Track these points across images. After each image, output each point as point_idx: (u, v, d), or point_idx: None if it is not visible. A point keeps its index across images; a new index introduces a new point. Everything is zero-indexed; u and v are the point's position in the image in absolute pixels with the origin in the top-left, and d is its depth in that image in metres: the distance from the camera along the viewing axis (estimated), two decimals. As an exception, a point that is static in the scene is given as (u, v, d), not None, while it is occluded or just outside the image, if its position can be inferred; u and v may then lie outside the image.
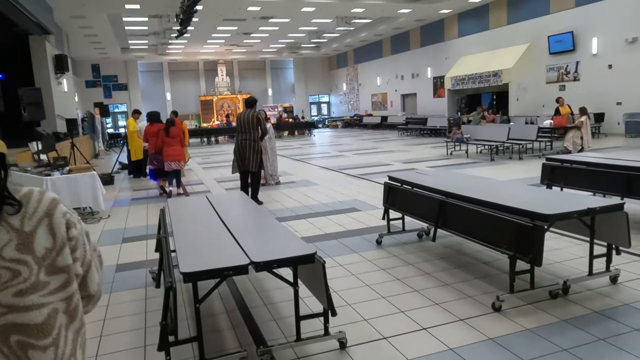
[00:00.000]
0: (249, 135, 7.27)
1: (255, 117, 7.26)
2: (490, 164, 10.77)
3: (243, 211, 4.10)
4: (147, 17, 20.70)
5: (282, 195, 8.33)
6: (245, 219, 3.82)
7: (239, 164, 7.39)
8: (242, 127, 7.31)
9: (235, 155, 7.44)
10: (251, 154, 7.28)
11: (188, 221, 3.70)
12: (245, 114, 7.35)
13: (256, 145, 7.28)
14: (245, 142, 7.27)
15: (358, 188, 8.55)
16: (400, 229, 5.21)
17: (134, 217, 7.21)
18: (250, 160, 7.28)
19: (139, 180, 11.34)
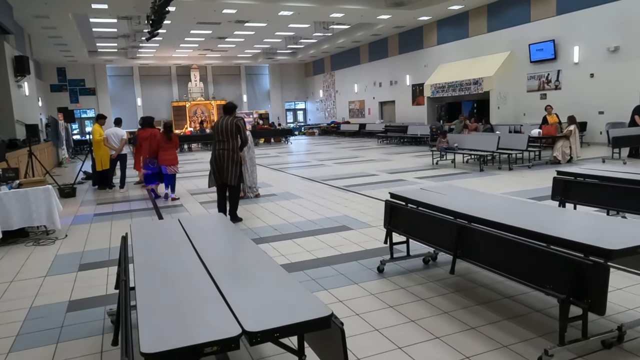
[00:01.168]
0: (227, 145, 6.57)
1: (235, 124, 6.55)
2: (480, 175, 10.28)
3: (226, 243, 3.36)
4: (116, 19, 19.69)
5: (263, 210, 7.59)
6: (229, 255, 3.09)
7: (216, 176, 6.66)
8: (220, 135, 6.59)
9: (212, 167, 6.71)
10: (230, 166, 6.56)
11: (155, 257, 2.95)
12: (224, 121, 6.62)
13: (235, 155, 6.59)
14: (224, 152, 6.55)
15: (345, 202, 7.88)
16: (404, 253, 4.55)
17: (96, 237, 6.35)
18: (229, 173, 6.57)
19: (104, 192, 10.40)
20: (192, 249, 3.04)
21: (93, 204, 9.01)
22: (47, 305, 3.99)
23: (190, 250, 3.02)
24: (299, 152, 19.26)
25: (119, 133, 10.25)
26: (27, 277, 4.78)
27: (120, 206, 8.61)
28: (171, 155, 8.80)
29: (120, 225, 6.99)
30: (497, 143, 10.64)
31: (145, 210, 8.07)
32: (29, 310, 3.90)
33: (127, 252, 3.26)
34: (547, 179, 9.25)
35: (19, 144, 12.71)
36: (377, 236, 5.62)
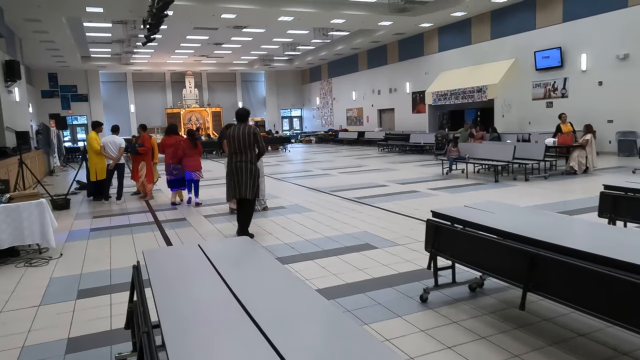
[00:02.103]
0: (245, 156, 6.10)
1: (253, 134, 6.11)
2: (497, 186, 9.83)
3: (261, 275, 2.81)
4: (111, 23, 19.16)
5: (274, 225, 7.06)
6: (269, 290, 2.55)
7: (235, 190, 6.14)
8: (237, 146, 6.10)
9: (230, 180, 6.21)
10: (248, 179, 6.10)
11: (181, 298, 2.41)
12: (240, 130, 6.12)
13: (253, 167, 6.14)
14: (242, 165, 6.08)
15: (361, 216, 7.37)
16: (448, 279, 4.04)
17: (94, 256, 5.78)
18: (247, 186, 6.09)
19: (99, 203, 9.80)
20: (224, 285, 2.50)
21: (89, 217, 8.42)
22: (42, 345, 3.42)
23: (222, 287, 2.48)
24: (299, 160, 18.75)
25: (116, 141, 9.68)
26: (19, 306, 4.21)
27: (118, 220, 8.03)
28: (196, 161, 9.08)
29: (121, 241, 6.42)
30: (513, 153, 10.20)
31: (146, 225, 7.50)
32: (21, 351, 3.34)
33: (140, 284, 2.71)
34: (569, 191, 8.83)
35: (8, 152, 12.10)
36: (407, 256, 5.11)
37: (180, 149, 9.00)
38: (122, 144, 9.73)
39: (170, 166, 9.08)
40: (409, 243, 5.63)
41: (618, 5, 14.50)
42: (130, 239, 6.53)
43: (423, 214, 7.27)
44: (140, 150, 10.07)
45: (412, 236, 5.95)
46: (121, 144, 9.71)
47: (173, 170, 9.06)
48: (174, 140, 9.29)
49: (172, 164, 9.04)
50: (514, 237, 3.22)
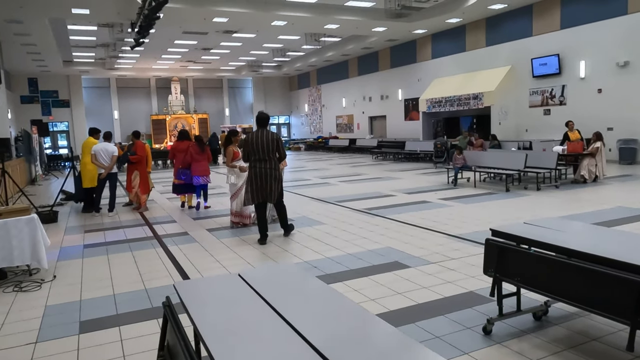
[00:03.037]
0: (268, 163, 6.20)
1: (276, 139, 6.25)
2: (509, 196, 9.45)
3: (328, 310, 2.29)
4: (96, 26, 18.42)
5: (288, 240, 6.52)
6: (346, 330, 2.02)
7: (258, 195, 6.26)
8: (260, 152, 6.16)
9: (253, 185, 6.27)
10: (273, 184, 6.24)
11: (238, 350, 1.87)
12: (262, 135, 6.17)
13: (277, 173, 6.29)
14: (265, 170, 6.19)
15: (378, 229, 6.89)
16: (511, 307, 3.56)
17: (92, 277, 5.16)
18: (273, 191, 6.25)
19: (90, 216, 9.12)
20: (288, 327, 1.98)
21: (80, 231, 7.75)
22: (45, 397, 2.83)
23: (287, 330, 1.95)
24: (294, 168, 18.21)
25: (109, 149, 9.00)
26: (11, 344, 3.59)
27: (113, 234, 7.39)
28: (204, 166, 9.22)
29: (120, 260, 5.80)
30: (525, 161, 9.86)
31: (145, 240, 6.88)
32: (19, 406, 2.74)
33: (182, 333, 2.16)
34: (590, 201, 8.48)
35: (-12, 161, 11.29)
36: (446, 276, 4.63)
37: (188, 154, 9.12)
38: (114, 152, 9.06)
39: (180, 171, 9.22)
40: (443, 261, 5.16)
41: (618, 12, 14.41)
42: (130, 257, 5.93)
43: (443, 226, 6.83)
44: (133, 159, 9.45)
45: (443, 253, 5.48)
46: (114, 152, 9.05)
47: (182, 175, 9.20)
48: (185, 146, 9.31)
49: (182, 168, 9.18)
50: (607, 262, 2.76)
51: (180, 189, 9.41)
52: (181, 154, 9.25)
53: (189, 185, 9.27)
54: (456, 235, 6.32)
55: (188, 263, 5.52)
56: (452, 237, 6.24)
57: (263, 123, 6.25)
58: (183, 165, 9.18)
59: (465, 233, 6.41)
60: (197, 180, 9.13)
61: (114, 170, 9.18)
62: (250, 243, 6.40)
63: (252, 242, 6.43)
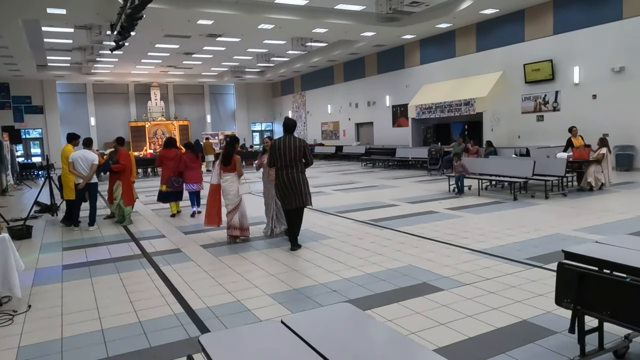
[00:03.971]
0: (297, 169, 6.17)
1: (304, 146, 6.21)
2: (518, 205, 8.98)
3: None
4: (73, 28, 17.49)
5: (295, 258, 5.87)
6: None
7: (293, 200, 6.16)
8: (287, 158, 6.10)
9: (283, 192, 6.18)
10: (304, 188, 6.20)
11: None
12: (289, 142, 6.12)
13: (305, 177, 6.31)
14: (294, 176, 6.15)
15: (392, 244, 6.29)
16: (590, 343, 2.99)
17: (75, 307, 4.41)
18: (306, 195, 6.23)
19: (69, 230, 8.29)
20: None
21: (57, 248, 6.95)
22: None
23: None
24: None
25: (88, 157, 8.18)
26: (-25, 401, 2.86)
27: (96, 252, 6.61)
28: (198, 173, 9.37)
29: (106, 284, 5.06)
30: (533, 169, 9.42)
31: (132, 259, 6.14)
32: None
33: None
34: (604, 211, 8.05)
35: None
36: (489, 302, 4.06)
37: (182, 161, 9.09)
38: (94, 160, 8.25)
39: (172, 179, 9.05)
40: (477, 282, 4.58)
41: (613, 17, 14.25)
42: (117, 280, 5.19)
43: (462, 240, 6.27)
44: (116, 168, 8.67)
45: (473, 272, 4.91)
46: (94, 160, 8.23)
47: (175, 183, 9.07)
48: (174, 154, 9.23)
49: (174, 176, 9.06)
50: None
51: (167, 196, 9.23)
52: (170, 162, 9.12)
53: (177, 193, 9.22)
54: (480, 250, 5.77)
55: (186, 287, 4.82)
56: (476, 252, 5.68)
57: (291, 129, 6.22)
58: (174, 173, 9.07)
59: (488, 248, 5.86)
60: (191, 187, 9.22)
61: (94, 180, 8.34)
62: (253, 261, 5.73)
63: (254, 260, 5.76)
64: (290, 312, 4.01)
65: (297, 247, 6.23)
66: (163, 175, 9.27)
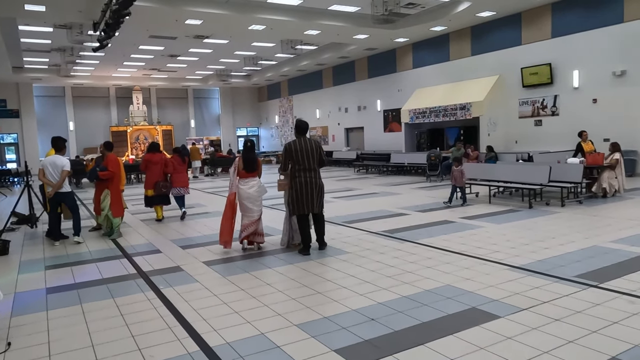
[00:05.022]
0: (314, 172, 6.03)
1: (319, 147, 6.11)
2: (536, 213, 8.49)
3: None
4: (52, 27, 16.56)
5: (314, 277, 5.21)
6: None
7: (307, 205, 6.00)
8: (305, 161, 5.95)
9: (298, 196, 5.99)
10: (321, 193, 6.11)
11: None
12: (304, 144, 5.98)
13: (321, 181, 6.17)
14: (312, 180, 6.00)
15: (419, 259, 5.69)
16: None
17: (65, 345, 3.67)
18: (320, 201, 6.10)
19: (49, 245, 7.46)
20: None
21: (39, 267, 6.15)
22: None
23: None
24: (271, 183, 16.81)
25: (57, 162, 7.26)
26: None
27: (84, 271, 5.84)
28: (185, 177, 9.54)
29: (100, 313, 4.32)
30: (549, 175, 8.95)
31: (127, 279, 5.39)
32: None
33: None
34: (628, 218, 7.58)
35: None
36: (560, 332, 3.48)
37: (169, 165, 9.15)
38: (65, 165, 7.33)
39: (159, 183, 8.99)
40: (535, 306, 4.00)
41: (613, 21, 14.01)
42: (112, 307, 4.46)
43: (494, 254, 5.72)
44: (103, 175, 7.90)
45: (524, 293, 4.33)
46: (64, 165, 7.32)
47: (162, 188, 9.01)
48: (159, 158, 9.19)
49: (162, 181, 9.03)
50: None
51: (154, 201, 9.19)
52: (155, 166, 9.10)
53: (163, 197, 9.20)
54: (520, 266, 5.21)
55: (196, 316, 4.12)
56: (516, 269, 5.12)
57: (304, 131, 6.11)
58: (161, 178, 9.07)
59: (527, 264, 5.31)
60: (178, 191, 9.30)
61: (66, 189, 7.40)
62: (268, 281, 5.05)
63: (268, 280, 5.09)
64: (329, 349, 3.36)
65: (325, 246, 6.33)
66: (148, 180, 9.18)
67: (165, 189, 9.06)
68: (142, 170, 9.77)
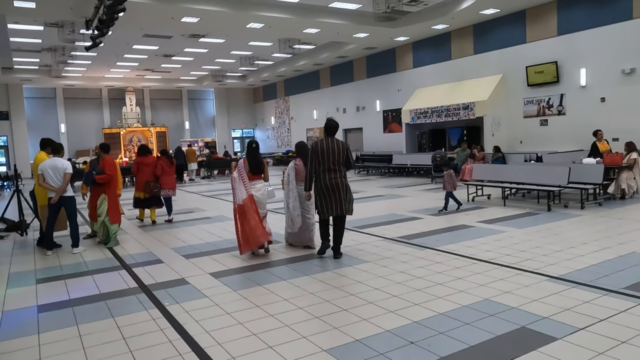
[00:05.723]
0: (341, 173, 5.81)
1: (347, 148, 5.91)
2: (556, 217, 8.07)
3: None
4: (43, 25, 15.97)
5: (335, 290, 4.73)
6: None
7: (334, 207, 5.78)
8: (330, 162, 5.74)
9: (323, 199, 5.81)
10: (347, 194, 5.85)
11: None
12: (332, 144, 5.79)
13: (348, 183, 5.94)
14: (338, 181, 5.79)
15: (446, 269, 5.23)
16: None
17: (60, 376, 3.18)
18: (348, 203, 5.87)
19: (41, 255, 6.93)
20: None
21: (30, 280, 5.62)
22: None
23: None
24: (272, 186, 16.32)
25: (58, 165, 6.79)
26: None
27: (79, 285, 5.32)
28: (172, 179, 9.50)
29: (99, 335, 3.81)
30: (568, 176, 8.55)
31: (128, 294, 4.89)
32: None
33: None
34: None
35: None
36: (627, 356, 3.03)
37: (159, 167, 9.16)
38: (67, 168, 6.86)
39: (150, 184, 9.00)
40: (591, 325, 3.56)
41: (622, 18, 13.66)
42: (113, 328, 3.96)
43: (526, 262, 5.28)
44: (101, 180, 7.38)
45: (574, 309, 3.89)
46: (66, 169, 6.85)
47: (153, 189, 9.02)
48: (150, 160, 9.27)
49: (152, 182, 9.04)
50: None
51: (144, 203, 9.20)
52: (147, 168, 9.14)
53: (154, 199, 9.20)
54: (560, 277, 4.77)
55: (209, 340, 3.63)
56: (558, 280, 4.67)
57: (333, 131, 5.87)
58: (152, 179, 9.10)
59: (566, 273, 4.87)
60: (166, 192, 9.33)
61: (69, 193, 6.96)
62: (284, 296, 4.57)
63: (284, 294, 4.60)
64: (369, 381, 2.88)
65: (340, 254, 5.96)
66: (139, 182, 9.17)
67: (156, 190, 9.07)
68: (133, 173, 9.67)
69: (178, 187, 12.27)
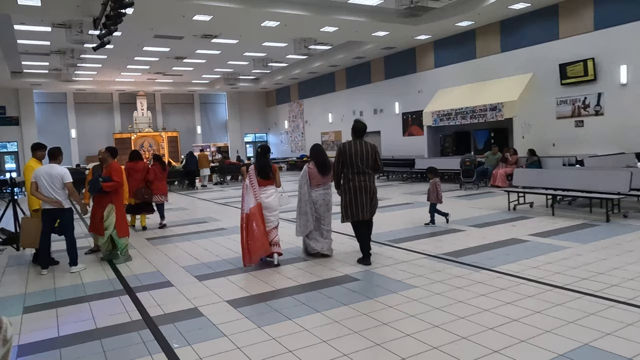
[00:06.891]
0: (368, 176, 5.65)
1: (376, 151, 5.69)
2: (620, 230, 7.06)
3: None
4: (51, 26, 15.34)
5: (383, 327, 3.81)
6: None
7: (362, 210, 5.61)
8: (359, 164, 5.57)
9: (352, 201, 5.64)
10: (372, 199, 5.69)
11: None
12: (360, 146, 5.60)
13: (375, 187, 5.77)
14: (366, 184, 5.62)
15: (518, 299, 4.29)
16: None
17: None
18: (373, 207, 5.71)
19: (36, 273, 6.10)
20: None
21: (17, 308, 4.76)
22: None
23: None
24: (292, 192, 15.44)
25: (53, 173, 5.94)
26: None
27: (73, 316, 4.46)
28: (164, 185, 9.60)
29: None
30: (630, 182, 7.54)
31: (130, 331, 4.00)
32: None
33: None
34: None
35: None
36: None
37: (151, 173, 9.14)
38: (64, 176, 6.02)
39: (141, 190, 8.90)
40: None
41: (668, 9, 12.62)
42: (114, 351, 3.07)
43: (613, 289, 4.31)
44: (108, 187, 6.52)
45: None
46: (63, 176, 6.00)
47: (145, 195, 8.96)
48: (142, 166, 9.18)
49: (144, 188, 8.95)
50: None
51: (135, 209, 9.12)
52: (138, 174, 9.01)
53: (145, 205, 9.11)
54: (665, 311, 3.80)
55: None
56: (665, 316, 3.70)
57: (361, 133, 5.73)
58: (143, 184, 9.00)
59: (671, 305, 3.89)
60: (158, 198, 9.33)
61: (67, 204, 6.09)
62: (318, 335, 3.64)
63: (318, 332, 3.68)
64: None
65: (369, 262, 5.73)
66: (130, 188, 8.66)
67: (148, 196, 9.00)
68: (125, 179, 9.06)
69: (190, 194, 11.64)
